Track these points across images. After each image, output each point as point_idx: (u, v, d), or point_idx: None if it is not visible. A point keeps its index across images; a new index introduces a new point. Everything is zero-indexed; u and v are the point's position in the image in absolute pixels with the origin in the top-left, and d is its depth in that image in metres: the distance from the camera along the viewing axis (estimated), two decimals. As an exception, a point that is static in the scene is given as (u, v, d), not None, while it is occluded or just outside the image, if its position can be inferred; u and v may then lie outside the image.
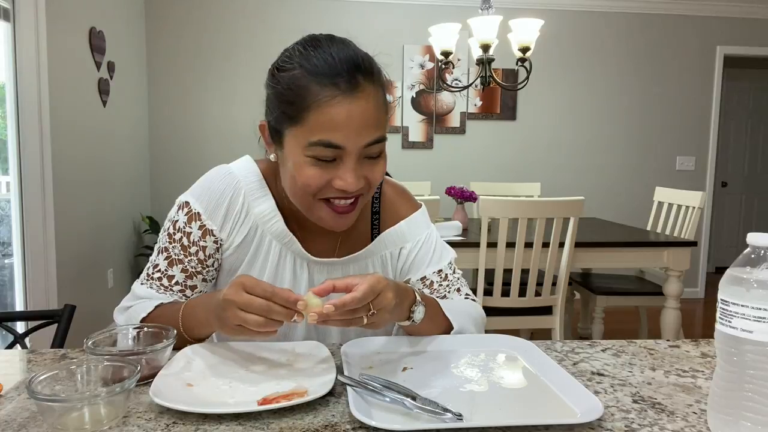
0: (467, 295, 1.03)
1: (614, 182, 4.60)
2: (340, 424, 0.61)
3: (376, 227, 1.01)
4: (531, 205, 2.45)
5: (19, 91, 2.52)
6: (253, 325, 0.71)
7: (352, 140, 0.79)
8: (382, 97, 0.83)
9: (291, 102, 0.80)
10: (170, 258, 0.93)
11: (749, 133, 5.86)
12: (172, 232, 0.93)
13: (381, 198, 1.02)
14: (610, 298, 2.99)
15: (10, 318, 1.26)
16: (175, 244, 0.92)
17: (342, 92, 0.78)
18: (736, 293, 0.56)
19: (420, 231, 1.02)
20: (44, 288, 2.65)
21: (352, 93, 0.78)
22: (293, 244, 0.94)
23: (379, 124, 0.81)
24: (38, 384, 0.61)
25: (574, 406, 0.66)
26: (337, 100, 0.77)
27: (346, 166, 0.80)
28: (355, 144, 0.79)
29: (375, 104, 0.81)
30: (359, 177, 0.81)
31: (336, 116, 0.77)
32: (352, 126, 0.78)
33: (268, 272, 0.95)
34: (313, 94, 0.78)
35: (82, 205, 3.05)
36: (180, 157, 4.21)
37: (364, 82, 0.79)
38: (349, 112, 0.78)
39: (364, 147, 0.80)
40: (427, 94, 4.35)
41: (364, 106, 0.79)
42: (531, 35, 2.72)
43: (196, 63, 4.17)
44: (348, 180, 0.80)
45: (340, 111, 0.77)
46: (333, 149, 0.79)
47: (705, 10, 4.52)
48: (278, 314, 0.71)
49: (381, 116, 0.82)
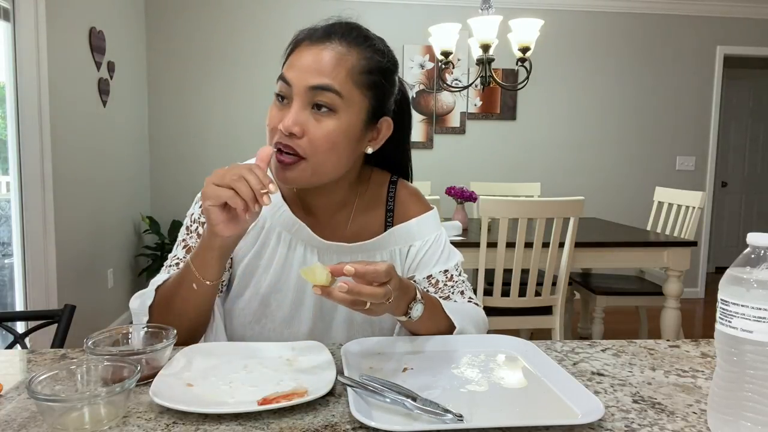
0: (470, 298, 1.03)
1: (614, 182, 4.60)
2: (340, 424, 0.61)
3: (390, 224, 1.02)
4: (531, 205, 2.45)
5: (19, 91, 2.52)
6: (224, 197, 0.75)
7: (297, 78, 0.84)
8: (351, 60, 0.86)
9: (286, 53, 0.91)
10: (188, 246, 0.96)
11: (749, 133, 5.86)
12: (189, 224, 0.98)
13: (395, 198, 1.04)
14: (610, 298, 2.99)
15: (10, 318, 1.26)
16: (192, 234, 0.97)
17: (310, 41, 0.87)
18: (736, 293, 0.56)
19: (430, 231, 1.04)
20: (44, 288, 2.65)
21: (317, 42, 0.86)
22: (302, 231, 0.95)
23: (331, 75, 0.84)
24: (38, 384, 0.61)
25: (575, 406, 0.66)
26: (305, 45, 0.87)
27: (291, 106, 0.85)
28: (299, 83, 0.84)
29: (334, 56, 0.85)
30: (296, 121, 0.83)
31: (296, 57, 0.87)
32: (302, 66, 0.85)
33: (276, 262, 0.96)
34: (295, 44, 0.89)
35: (82, 205, 3.05)
36: (180, 157, 4.21)
37: (335, 39, 0.86)
38: (307, 54, 0.85)
39: (308, 89, 0.84)
40: (427, 94, 4.35)
41: (321, 53, 0.85)
42: (531, 35, 2.72)
43: (196, 63, 4.17)
44: (285, 119, 0.83)
45: (300, 53, 0.86)
46: (285, 86, 0.85)
47: (705, 10, 4.52)
48: (245, 188, 0.74)
49: (338, 71, 0.84)
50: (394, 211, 1.03)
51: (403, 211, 1.04)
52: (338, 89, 0.84)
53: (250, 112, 4.19)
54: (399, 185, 1.06)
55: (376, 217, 1.02)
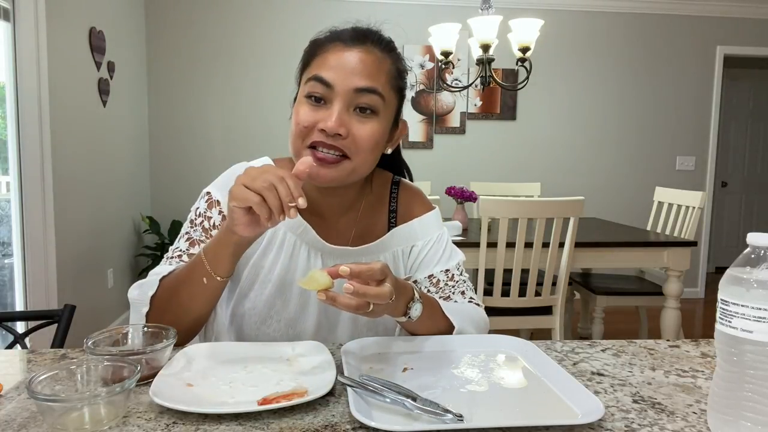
0: (471, 299, 1.03)
1: (614, 182, 4.60)
2: (340, 424, 0.61)
3: (393, 225, 1.03)
4: (531, 205, 2.45)
5: (19, 91, 2.52)
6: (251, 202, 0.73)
7: (341, 79, 0.85)
8: (388, 65, 0.89)
9: (307, 54, 0.91)
10: (191, 239, 0.96)
11: (749, 133, 5.86)
12: (193, 218, 0.98)
13: (398, 198, 1.05)
14: (610, 298, 2.99)
15: (10, 318, 1.26)
16: (197, 228, 0.96)
17: (343, 42, 0.87)
18: (736, 293, 0.56)
19: (432, 231, 1.04)
20: (44, 288, 2.65)
21: (352, 44, 0.87)
22: (308, 233, 0.96)
23: (374, 77, 0.86)
24: (38, 384, 0.61)
25: (575, 406, 0.66)
26: (338, 47, 0.87)
27: (332, 107, 0.85)
28: (344, 84, 0.84)
29: (375, 61, 0.87)
30: (342, 122, 0.84)
31: (332, 58, 0.86)
32: (344, 68, 0.85)
33: (281, 263, 0.96)
34: (321, 45, 0.89)
35: (82, 205, 3.05)
36: (180, 157, 4.21)
37: (369, 43, 0.88)
38: (345, 56, 0.86)
39: (353, 91, 0.85)
40: (427, 94, 4.35)
41: (361, 56, 0.86)
42: (531, 35, 2.72)
43: (196, 63, 4.17)
44: (330, 120, 0.83)
45: (337, 54, 0.86)
46: (323, 86, 0.85)
47: (705, 10, 4.52)
48: (273, 198, 0.73)
49: (380, 74, 0.87)
50: (397, 211, 1.04)
51: (406, 211, 1.04)
52: (382, 92, 0.87)
53: (251, 112, 4.19)
54: (401, 186, 1.06)
55: (379, 218, 1.03)
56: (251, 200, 0.73)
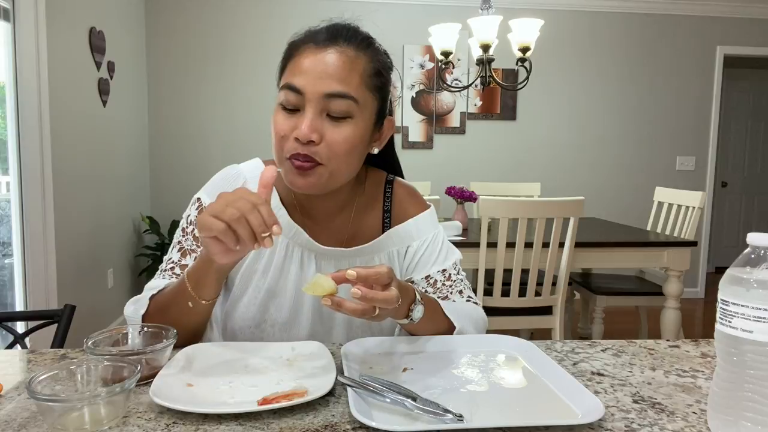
0: (469, 297, 1.03)
1: (614, 182, 4.60)
2: (340, 424, 0.61)
3: (387, 225, 1.01)
4: (531, 205, 2.45)
5: (19, 91, 2.52)
6: (216, 231, 0.70)
7: (311, 85, 0.82)
8: (362, 64, 0.85)
9: (284, 57, 0.88)
10: (183, 249, 0.95)
11: (749, 133, 5.86)
12: (185, 225, 0.97)
13: (392, 197, 1.03)
14: (610, 298, 2.99)
15: (10, 318, 1.26)
16: (188, 236, 0.96)
17: (316, 44, 0.84)
18: (736, 293, 0.56)
19: (427, 230, 1.03)
20: (44, 288, 2.65)
21: (324, 46, 0.84)
22: (300, 236, 0.95)
23: (346, 81, 0.83)
24: (38, 384, 0.61)
25: (575, 406, 0.66)
26: (310, 49, 0.84)
27: (305, 114, 0.82)
28: (314, 90, 0.82)
29: (347, 62, 0.83)
30: (314, 128, 0.82)
31: (303, 62, 0.83)
32: (314, 72, 0.82)
33: (275, 266, 0.95)
34: (296, 47, 0.86)
35: (82, 205, 3.05)
36: (180, 157, 4.21)
37: (342, 43, 0.84)
38: (315, 60, 0.83)
39: (323, 97, 0.82)
40: (427, 94, 4.35)
41: (332, 58, 0.83)
42: (531, 35, 2.72)
43: (196, 63, 4.17)
44: (302, 127, 0.81)
45: (307, 58, 0.83)
46: (295, 94, 0.83)
47: (705, 10, 4.52)
48: (243, 229, 0.69)
49: (352, 77, 0.83)
50: (392, 211, 1.02)
51: (401, 211, 1.03)
52: (354, 96, 0.83)
53: (250, 112, 4.19)
54: (395, 184, 1.05)
55: (373, 218, 1.01)
56: (215, 229, 0.70)
